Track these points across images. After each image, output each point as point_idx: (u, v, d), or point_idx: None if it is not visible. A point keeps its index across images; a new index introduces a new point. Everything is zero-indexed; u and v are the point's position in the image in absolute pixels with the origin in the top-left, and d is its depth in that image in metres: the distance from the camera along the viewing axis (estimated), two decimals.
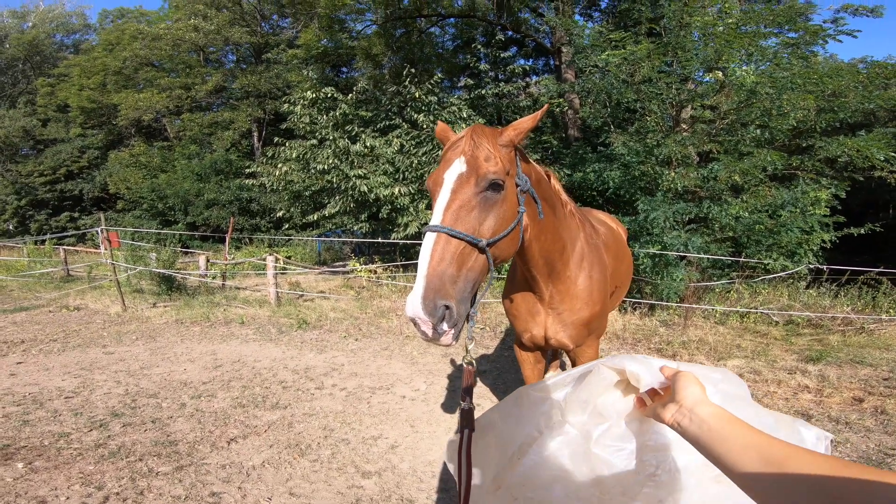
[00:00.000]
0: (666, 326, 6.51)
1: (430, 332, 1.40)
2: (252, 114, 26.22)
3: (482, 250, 1.52)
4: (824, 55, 11.27)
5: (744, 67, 7.43)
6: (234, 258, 13.95)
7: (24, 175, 29.00)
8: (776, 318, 6.59)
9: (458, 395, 4.32)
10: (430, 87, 10.86)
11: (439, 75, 11.72)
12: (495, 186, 1.58)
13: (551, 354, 4.55)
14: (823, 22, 8.70)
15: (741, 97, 7.48)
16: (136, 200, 24.20)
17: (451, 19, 18.05)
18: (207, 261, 11.57)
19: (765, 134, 7.87)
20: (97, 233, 10.31)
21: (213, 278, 11.09)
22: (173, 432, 3.59)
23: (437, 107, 10.92)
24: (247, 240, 20.96)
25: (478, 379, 4.73)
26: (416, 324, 1.40)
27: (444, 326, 1.42)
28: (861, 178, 9.17)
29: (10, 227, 29.34)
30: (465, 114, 10.55)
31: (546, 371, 4.60)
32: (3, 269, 14.26)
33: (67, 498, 2.72)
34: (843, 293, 7.39)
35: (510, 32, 16.71)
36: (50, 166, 28.85)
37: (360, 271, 10.33)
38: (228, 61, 31.03)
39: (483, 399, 4.25)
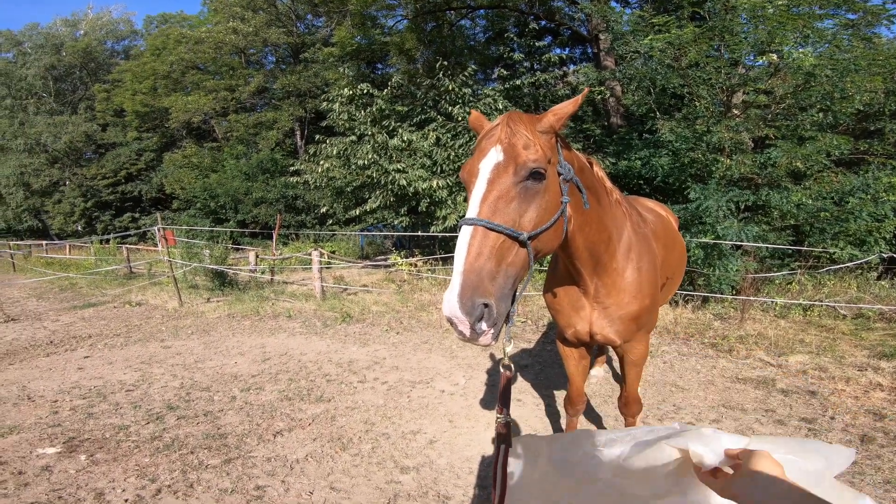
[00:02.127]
0: (721, 320, 6.19)
1: (467, 333, 1.32)
2: (294, 113, 27.00)
3: (523, 244, 1.43)
4: (889, 36, 10.36)
5: (800, 50, 6.91)
6: (281, 253, 14.41)
7: (88, 178, 31.10)
8: (844, 312, 6.14)
9: (496, 391, 4.26)
10: (463, 79, 10.78)
11: (473, 67, 11.61)
12: (536, 175, 1.48)
13: (597, 349, 4.41)
14: (885, 2, 7.94)
15: (798, 80, 6.99)
16: (189, 200, 25.46)
17: (481, 11, 17.80)
18: (257, 256, 12.02)
19: (827, 118, 7.34)
20: (155, 231, 10.89)
21: (262, 273, 11.50)
22: (223, 425, 3.73)
23: (471, 98, 10.84)
24: (293, 236, 21.63)
25: (518, 375, 4.64)
26: (452, 323, 1.32)
27: (483, 326, 1.33)
28: None
29: (79, 228, 31.62)
30: (500, 105, 10.41)
31: (591, 367, 4.47)
32: (73, 267, 15.38)
33: (123, 490, 2.87)
34: None
35: (543, 22, 16.32)
36: (111, 169, 30.81)
37: (401, 265, 10.43)
38: (268, 62, 32.15)
39: (525, 394, 4.17)
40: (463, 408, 3.94)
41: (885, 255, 6.96)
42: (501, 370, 1.47)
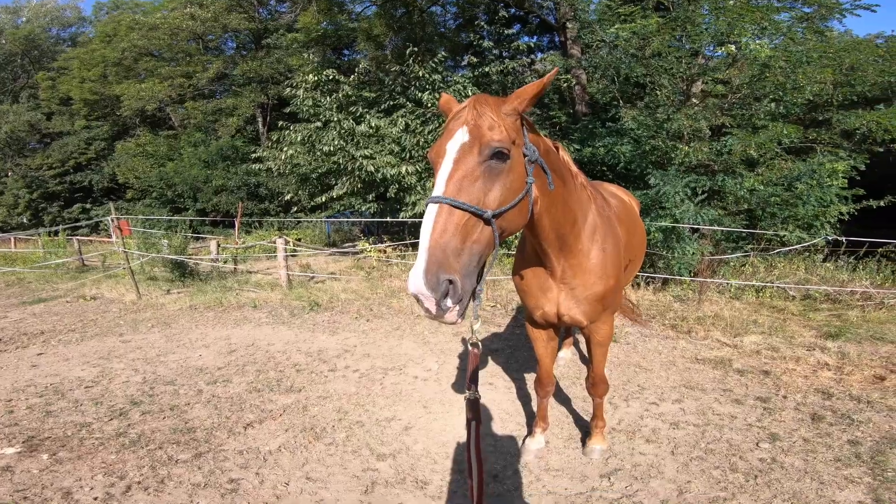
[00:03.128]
0: (680, 301, 6.44)
1: (433, 309, 1.35)
2: (255, 99, 26.25)
3: (488, 221, 1.47)
4: (840, 30, 10.92)
5: (757, 41, 7.19)
6: (244, 242, 14.03)
7: (33, 169, 29.34)
8: (793, 293, 6.49)
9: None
10: (433, 65, 10.73)
11: (443, 54, 11.54)
12: (500, 155, 1.52)
13: (564, 331, 4.53)
14: None
15: (754, 71, 7.28)
16: (145, 189, 24.50)
17: None
18: (218, 245, 11.66)
19: (779, 108, 7.70)
20: (109, 222, 10.39)
21: (225, 263, 11.18)
22: (191, 419, 3.64)
23: (441, 85, 10.81)
24: (256, 224, 21.11)
25: (489, 359, 4.72)
26: (419, 300, 1.35)
27: (448, 302, 1.36)
28: (881, 151, 8.94)
29: (25, 220, 29.85)
30: (469, 91, 10.44)
31: (559, 349, 4.59)
32: (19, 261, 14.50)
33: (91, 488, 2.78)
34: (861, 266, 7.24)
35: (513, 9, 16.33)
36: (58, 159, 29.14)
37: (370, 251, 10.34)
38: (228, 48, 31.09)
39: (496, 378, 4.25)
40: (437, 393, 3.98)
41: (829, 238, 7.39)
42: (470, 348, 1.50)
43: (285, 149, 11.23)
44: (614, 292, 2.38)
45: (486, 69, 11.19)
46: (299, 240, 15.53)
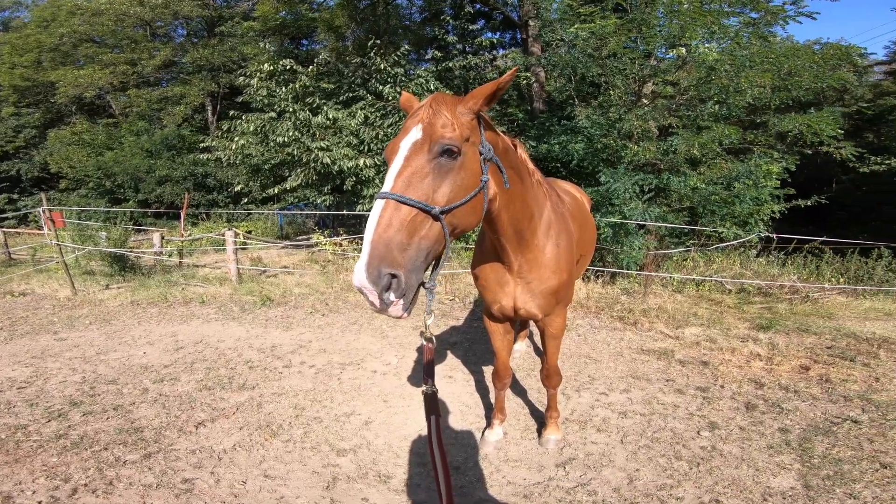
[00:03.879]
0: (627, 294, 6.71)
1: (377, 303, 1.37)
2: (205, 88, 25.11)
3: (436, 218, 1.49)
4: (783, 36, 11.61)
5: (706, 45, 7.55)
6: (190, 234, 13.41)
7: None
8: (729, 287, 6.91)
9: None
10: (395, 59, 10.60)
11: (406, 47, 11.44)
12: (450, 153, 1.55)
13: (519, 324, 4.64)
14: (784, 3, 8.86)
15: (701, 74, 7.64)
16: (80, 179, 23.03)
17: None
18: (162, 238, 11.09)
19: (722, 109, 8.10)
20: (40, 213, 9.63)
21: (170, 256, 10.66)
22: (137, 419, 3.48)
23: (403, 78, 10.71)
24: (204, 215, 20.23)
25: (448, 352, 4.77)
26: (363, 293, 1.37)
27: (391, 296, 1.38)
28: (809, 153, 9.65)
29: None
30: (432, 86, 10.39)
31: (514, 342, 4.71)
32: None
33: (34, 492, 2.62)
34: (789, 262, 7.82)
35: (478, 5, 16.36)
36: None
37: (325, 244, 10.15)
38: (178, 35, 29.37)
39: (456, 371, 4.31)
40: (397, 387, 3.99)
41: (762, 235, 7.94)
42: (424, 342, 1.53)
43: (236, 139, 10.82)
44: (567, 286, 2.47)
45: (450, 64, 11.18)
46: (250, 232, 15.02)
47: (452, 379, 4.14)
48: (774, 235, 7.85)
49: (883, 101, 19.48)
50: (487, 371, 4.21)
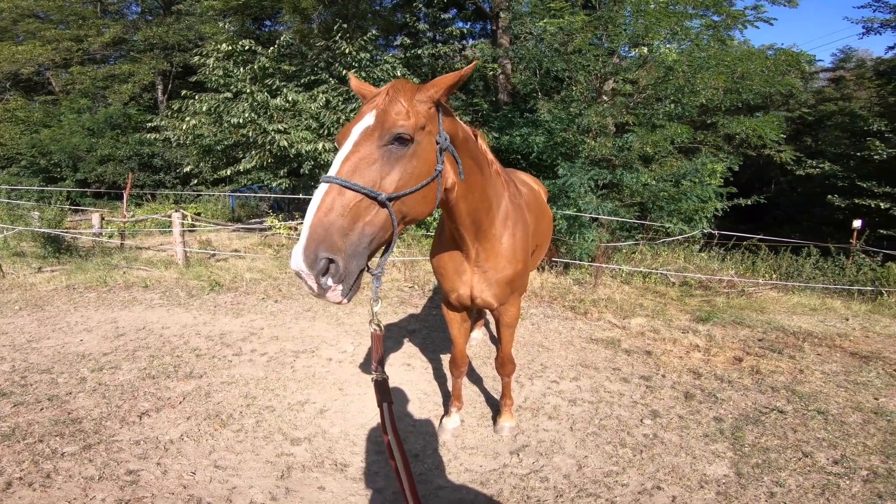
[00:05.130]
0: (579, 285, 6.90)
1: (315, 287, 1.36)
2: (157, 66, 23.85)
3: (383, 205, 1.48)
4: (740, 39, 12.17)
5: (667, 45, 7.79)
6: (133, 216, 12.68)
7: None
8: (673, 280, 7.25)
9: (386, 356, 4.35)
10: (362, 43, 10.39)
11: (374, 32, 11.21)
12: (401, 140, 1.54)
13: (476, 313, 4.70)
14: (745, 8, 9.27)
15: (660, 73, 7.89)
16: (11, 157, 21.45)
17: None
18: (102, 219, 10.42)
19: (677, 109, 8.40)
20: None
21: (110, 237, 10.05)
22: (74, 409, 3.29)
23: (369, 64, 10.52)
24: (149, 196, 19.21)
25: (406, 340, 4.78)
26: (301, 278, 1.36)
27: (329, 281, 1.37)
28: (753, 155, 10.26)
29: None
30: (398, 72, 10.25)
31: (472, 330, 4.77)
32: None
33: None
34: (729, 258, 8.30)
35: None
36: None
37: (279, 228, 9.87)
38: (131, 13, 27.49)
39: (414, 359, 4.32)
40: (353, 375, 3.96)
41: (705, 231, 8.38)
42: (371, 329, 1.51)
43: (188, 119, 10.33)
44: (522, 276, 2.52)
45: (419, 51, 11.04)
46: (199, 214, 14.38)
47: (410, 367, 4.15)
48: (716, 232, 8.31)
49: (824, 106, 20.84)
50: (445, 359, 4.25)
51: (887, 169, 13.66)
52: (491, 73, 13.24)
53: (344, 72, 10.27)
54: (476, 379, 3.94)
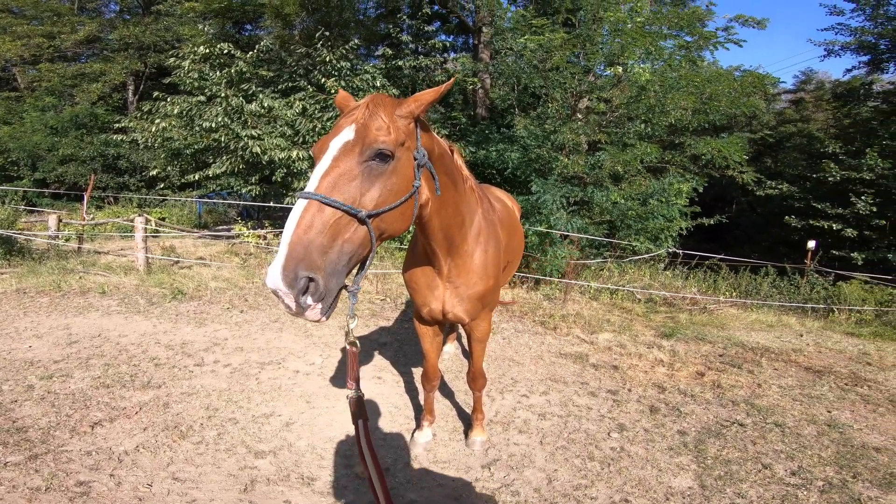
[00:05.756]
0: (549, 300, 6.99)
1: (293, 306, 1.33)
2: (130, 66, 23.28)
3: (362, 221, 1.46)
4: (710, 60, 12.55)
5: (641, 65, 8.03)
6: (94, 218, 12.18)
7: None
8: (639, 296, 7.43)
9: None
10: (343, 52, 10.36)
11: (356, 41, 11.20)
12: (382, 157, 1.53)
13: (449, 327, 4.69)
14: (716, 30, 9.56)
15: (633, 93, 8.11)
16: None
17: None
18: (60, 221, 9.96)
19: (647, 128, 8.63)
20: None
21: (67, 240, 9.61)
22: (20, 418, 3.10)
23: (349, 73, 10.47)
24: (111, 199, 18.51)
25: (377, 353, 4.71)
26: (277, 296, 1.33)
27: (309, 300, 1.34)
28: (717, 175, 10.63)
29: None
30: (378, 83, 10.22)
31: (444, 344, 4.75)
32: None
33: None
34: (692, 276, 8.58)
35: (436, 6, 16.40)
36: None
37: (248, 236, 9.64)
38: (110, 11, 26.88)
39: (385, 372, 4.26)
40: (321, 387, 3.86)
41: (671, 250, 8.64)
42: (347, 347, 1.48)
43: (157, 121, 10.05)
44: (493, 291, 2.52)
45: (400, 63, 11.03)
46: (163, 219, 13.94)
47: (382, 380, 4.09)
48: (680, 251, 8.59)
49: (784, 128, 21.71)
50: (417, 372, 4.21)
51: (840, 190, 14.32)
52: (471, 87, 13.41)
53: (323, 80, 10.20)
54: (448, 393, 3.91)
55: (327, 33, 10.55)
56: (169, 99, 10.33)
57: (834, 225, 13.89)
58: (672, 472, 2.94)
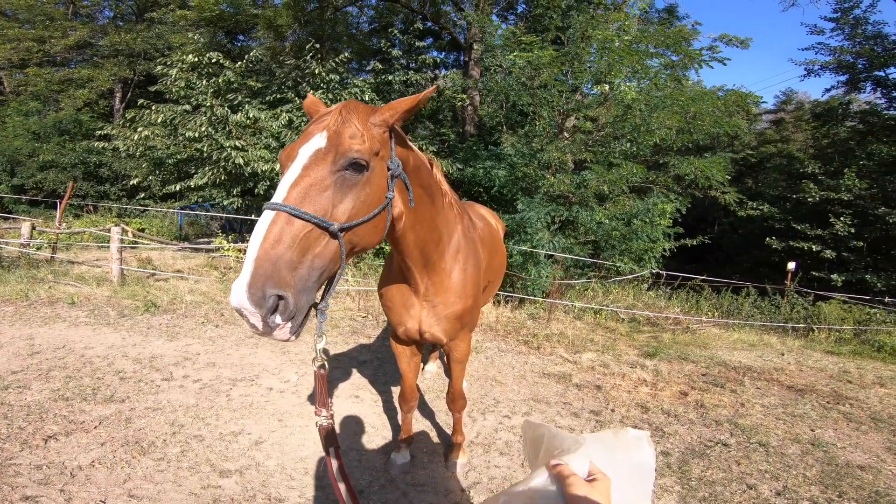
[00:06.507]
0: (533, 319, 6.91)
1: (259, 326, 1.22)
2: (118, 73, 23.10)
3: (334, 235, 1.36)
4: (694, 79, 12.61)
5: (627, 83, 8.11)
6: (69, 227, 11.87)
7: None
8: (623, 316, 7.41)
9: (335, 387, 4.13)
10: (333, 65, 10.35)
11: (347, 55, 11.23)
12: (356, 166, 1.43)
13: (430, 346, 4.57)
14: (701, 49, 9.64)
15: (619, 112, 8.19)
16: None
17: (373, 1, 17.47)
18: (33, 228, 9.68)
19: (632, 148, 8.67)
20: None
21: (39, 249, 9.32)
22: None
23: (337, 86, 10.43)
24: (90, 207, 18.12)
25: (355, 370, 4.57)
26: (242, 315, 1.21)
27: (278, 319, 1.24)
28: (700, 196, 10.73)
29: None
30: (367, 97, 10.20)
31: (426, 363, 4.62)
32: None
33: None
34: (675, 296, 8.60)
35: (429, 23, 16.61)
36: None
37: (228, 250, 9.44)
38: (103, 17, 26.82)
39: (363, 391, 4.11)
40: (295, 406, 3.71)
41: (654, 271, 8.67)
42: (315, 369, 1.38)
43: (140, 129, 9.91)
44: (472, 311, 2.43)
45: (390, 77, 11.01)
46: (142, 230, 13.66)
47: (359, 399, 3.95)
48: (663, 272, 8.62)
49: (765, 148, 22.03)
50: (396, 392, 4.07)
51: (819, 211, 14.56)
52: (460, 103, 13.50)
53: (311, 92, 10.21)
54: (428, 413, 3.79)
55: (318, 46, 10.57)
56: (153, 107, 10.21)
57: (813, 246, 14.10)
58: (656, 493, 2.86)
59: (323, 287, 1.43)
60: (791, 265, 9.16)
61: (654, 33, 8.95)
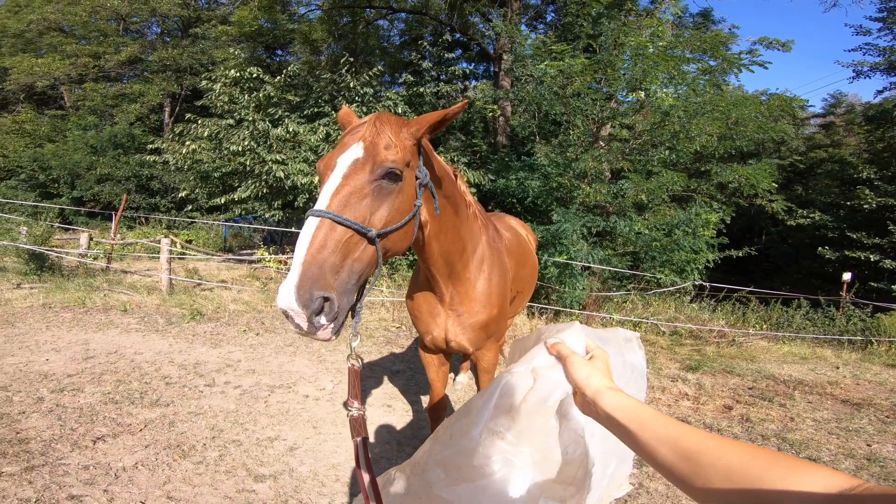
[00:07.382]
0: None
1: (305, 326, 1.28)
2: (167, 88, 24.42)
3: (372, 241, 1.44)
4: (735, 84, 12.14)
5: (664, 90, 7.87)
6: (123, 238, 12.57)
7: None
8: (664, 329, 7.16)
9: (368, 395, 4.17)
10: (367, 78, 10.59)
11: (380, 68, 11.48)
12: (392, 176, 1.51)
13: (462, 356, 4.55)
14: (740, 53, 9.32)
15: (657, 118, 7.94)
16: (12, 170, 21.46)
17: (402, 14, 17.83)
18: (91, 239, 10.31)
19: (671, 156, 8.40)
20: None
21: (95, 259, 9.90)
22: (24, 429, 3.09)
23: (371, 99, 10.67)
24: (143, 219, 19.11)
25: (386, 379, 4.60)
26: (288, 316, 1.28)
27: (322, 320, 1.31)
28: (745, 205, 10.23)
29: None
30: (400, 109, 10.37)
31: (458, 373, 4.60)
32: None
33: None
34: (719, 308, 8.23)
35: (458, 34, 16.82)
36: None
37: (269, 261, 9.75)
38: (151, 33, 28.53)
39: (395, 400, 4.13)
40: (329, 413, 3.76)
41: (697, 283, 8.33)
42: (349, 363, 1.41)
43: (188, 143, 10.40)
44: (498, 321, 2.42)
45: (421, 89, 11.18)
46: (190, 241, 14.29)
47: (391, 408, 3.97)
48: (707, 284, 8.27)
49: (814, 153, 20.83)
50: (427, 401, 4.08)
51: (876, 219, 13.67)
52: (491, 114, 13.48)
53: (346, 105, 10.46)
54: None
55: (352, 59, 10.84)
56: (200, 121, 10.66)
57: (871, 256, 13.23)
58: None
59: (358, 290, 1.49)
60: (847, 275, 8.61)
61: (690, 38, 8.71)
